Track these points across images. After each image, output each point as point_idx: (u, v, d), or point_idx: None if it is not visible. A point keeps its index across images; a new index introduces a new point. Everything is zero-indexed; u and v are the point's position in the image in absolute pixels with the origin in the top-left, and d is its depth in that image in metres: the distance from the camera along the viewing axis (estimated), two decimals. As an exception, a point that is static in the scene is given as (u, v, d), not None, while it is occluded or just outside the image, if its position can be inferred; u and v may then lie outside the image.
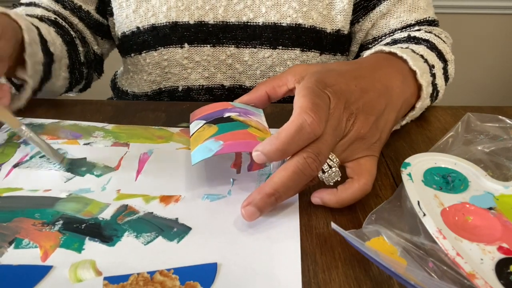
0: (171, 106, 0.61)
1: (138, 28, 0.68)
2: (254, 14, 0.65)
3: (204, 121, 0.46)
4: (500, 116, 0.51)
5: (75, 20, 0.72)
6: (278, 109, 0.58)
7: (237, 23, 0.66)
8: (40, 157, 0.48)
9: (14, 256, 0.36)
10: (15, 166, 0.47)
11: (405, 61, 0.50)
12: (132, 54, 0.71)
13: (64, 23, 0.69)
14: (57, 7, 0.70)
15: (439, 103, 0.58)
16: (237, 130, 0.43)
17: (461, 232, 0.36)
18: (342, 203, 0.41)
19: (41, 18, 0.65)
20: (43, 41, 0.59)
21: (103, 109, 0.59)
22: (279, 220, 0.40)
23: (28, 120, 0.55)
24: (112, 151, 0.50)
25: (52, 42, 0.61)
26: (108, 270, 0.35)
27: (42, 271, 0.34)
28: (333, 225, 0.35)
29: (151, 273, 0.34)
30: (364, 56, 0.54)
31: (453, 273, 0.33)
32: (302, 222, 0.40)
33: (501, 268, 0.33)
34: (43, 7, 0.70)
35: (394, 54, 0.51)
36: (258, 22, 0.66)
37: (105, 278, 0.34)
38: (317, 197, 0.41)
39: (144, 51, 0.69)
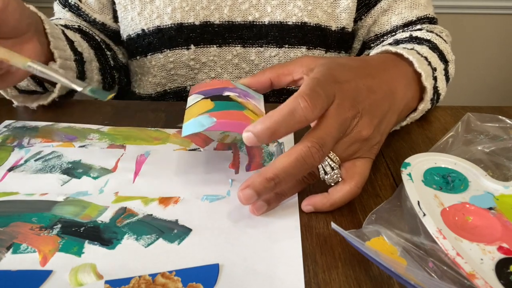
0: (171, 106, 0.61)
1: (143, 30, 0.68)
2: (260, 13, 0.66)
3: (202, 96, 0.45)
4: (500, 116, 0.51)
5: (96, 31, 0.73)
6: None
7: (243, 22, 0.66)
8: (35, 160, 0.48)
9: (12, 261, 0.36)
10: (10, 170, 0.46)
11: (410, 63, 0.50)
12: (138, 57, 0.71)
13: (88, 30, 0.70)
14: (79, 21, 0.71)
15: (439, 103, 0.58)
16: (233, 110, 0.42)
17: (461, 232, 0.36)
18: (335, 205, 0.41)
19: (65, 26, 0.66)
20: (70, 41, 0.59)
21: (103, 109, 0.59)
22: (279, 220, 0.40)
23: (21, 123, 0.55)
24: (108, 153, 0.50)
25: (79, 44, 0.62)
26: (109, 274, 0.34)
27: (42, 276, 0.34)
28: (333, 225, 0.35)
29: (153, 276, 0.34)
30: (370, 55, 0.54)
31: (453, 273, 0.33)
32: (302, 222, 0.40)
33: (501, 268, 0.33)
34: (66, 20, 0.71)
35: (400, 55, 0.50)
36: (264, 21, 0.66)
37: (106, 282, 0.34)
38: (309, 205, 0.41)
39: (150, 53, 0.69)
